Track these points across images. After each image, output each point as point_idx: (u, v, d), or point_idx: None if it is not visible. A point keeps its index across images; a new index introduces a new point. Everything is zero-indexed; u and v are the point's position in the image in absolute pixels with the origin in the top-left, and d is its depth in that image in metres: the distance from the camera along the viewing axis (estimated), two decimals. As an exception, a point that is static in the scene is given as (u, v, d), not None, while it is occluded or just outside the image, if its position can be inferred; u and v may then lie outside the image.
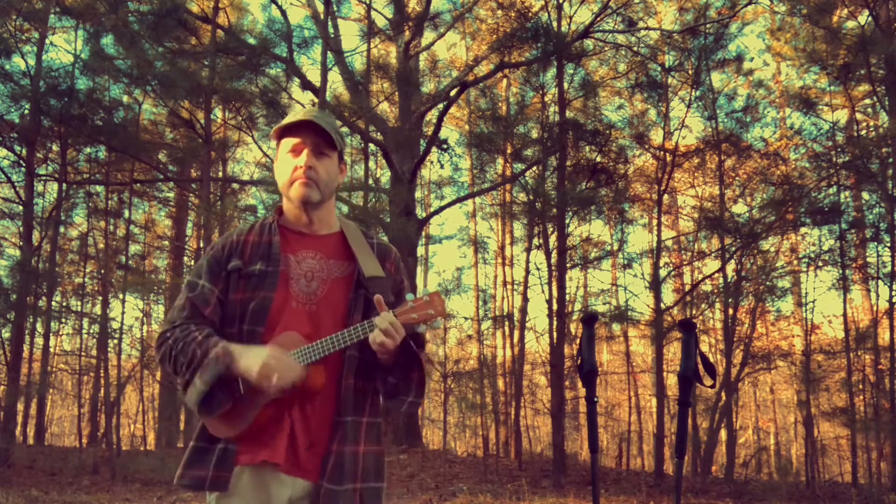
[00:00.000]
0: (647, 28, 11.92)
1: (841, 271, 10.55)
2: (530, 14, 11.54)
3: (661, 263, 11.36)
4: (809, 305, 11.11)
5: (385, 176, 14.85)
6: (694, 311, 11.50)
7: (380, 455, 1.96)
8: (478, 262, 17.66)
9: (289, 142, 1.94)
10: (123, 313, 16.90)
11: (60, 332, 15.48)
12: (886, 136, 10.10)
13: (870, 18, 10.24)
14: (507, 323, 13.94)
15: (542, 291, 11.33)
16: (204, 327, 1.88)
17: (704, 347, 12.05)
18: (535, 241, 12.21)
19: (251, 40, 11.83)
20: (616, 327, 12.56)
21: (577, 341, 2.79)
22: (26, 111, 11.16)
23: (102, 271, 12.34)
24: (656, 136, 12.25)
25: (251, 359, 1.78)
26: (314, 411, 1.87)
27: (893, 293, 9.78)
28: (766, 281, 10.96)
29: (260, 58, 11.15)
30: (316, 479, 1.85)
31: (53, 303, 11.98)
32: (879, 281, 10.55)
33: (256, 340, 1.84)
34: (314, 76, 14.00)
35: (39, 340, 12.94)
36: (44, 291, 11.15)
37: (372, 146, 13.55)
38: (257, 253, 1.93)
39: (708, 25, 11.13)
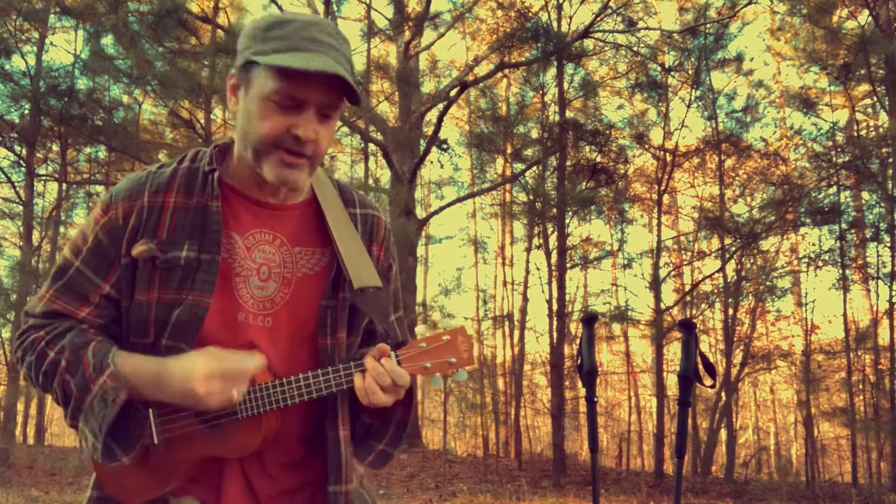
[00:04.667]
0: (647, 28, 11.92)
1: (841, 271, 10.55)
2: (530, 14, 11.54)
3: (661, 263, 11.35)
4: (809, 305, 11.11)
5: (385, 176, 14.86)
6: (694, 311, 11.50)
7: None
8: (478, 262, 17.68)
9: (281, 87, 1.20)
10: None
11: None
12: (886, 136, 10.10)
13: (870, 18, 10.24)
14: (507, 323, 13.95)
15: (542, 291, 11.36)
16: (74, 326, 1.26)
17: (704, 347, 12.05)
18: (535, 241, 12.22)
19: (251, 40, 11.80)
20: (616, 327, 12.58)
21: (577, 341, 2.79)
22: (26, 111, 11.17)
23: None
24: (656, 136, 12.26)
25: (182, 379, 1.18)
26: (272, 461, 1.32)
27: (893, 293, 9.78)
28: (766, 281, 10.96)
29: (260, 58, 11.14)
30: None
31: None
32: (879, 281, 10.55)
33: None
34: (314, 76, 13.98)
35: (39, 340, 12.92)
36: (44, 291, 11.15)
37: (372, 146, 13.55)
38: (183, 225, 1.26)
39: (708, 25, 11.13)
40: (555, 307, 10.56)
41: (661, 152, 11.55)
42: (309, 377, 1.24)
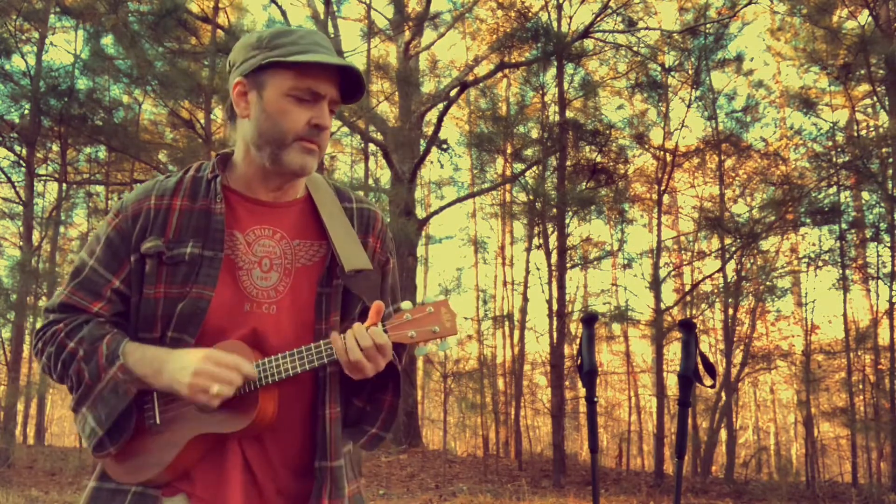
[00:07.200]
0: (647, 28, 11.92)
1: (841, 271, 10.55)
2: (530, 14, 11.54)
3: (661, 263, 11.35)
4: (809, 305, 11.11)
5: (385, 176, 14.86)
6: (694, 311, 11.50)
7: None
8: (478, 262, 17.68)
9: (301, 83, 1.33)
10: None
11: (60, 332, 15.44)
12: (886, 136, 10.10)
13: (870, 18, 10.24)
14: (507, 323, 13.93)
15: (542, 291, 11.35)
16: (90, 319, 1.35)
17: (704, 347, 12.04)
18: (535, 241, 12.21)
19: (251, 40, 11.81)
20: (616, 327, 12.58)
21: (577, 341, 2.79)
22: (26, 111, 11.17)
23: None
24: (656, 136, 12.25)
25: (176, 370, 1.25)
26: (274, 449, 1.36)
27: (893, 293, 9.78)
28: (766, 281, 10.96)
29: (260, 58, 11.14)
30: None
31: (53, 303, 11.96)
32: (879, 281, 10.55)
33: None
34: (314, 76, 13.99)
35: (39, 340, 12.91)
36: (44, 291, 11.15)
37: (372, 146, 13.55)
38: (188, 226, 1.34)
39: (708, 25, 11.13)
40: (555, 307, 10.55)
41: (661, 152, 11.55)
42: (294, 353, 1.29)
